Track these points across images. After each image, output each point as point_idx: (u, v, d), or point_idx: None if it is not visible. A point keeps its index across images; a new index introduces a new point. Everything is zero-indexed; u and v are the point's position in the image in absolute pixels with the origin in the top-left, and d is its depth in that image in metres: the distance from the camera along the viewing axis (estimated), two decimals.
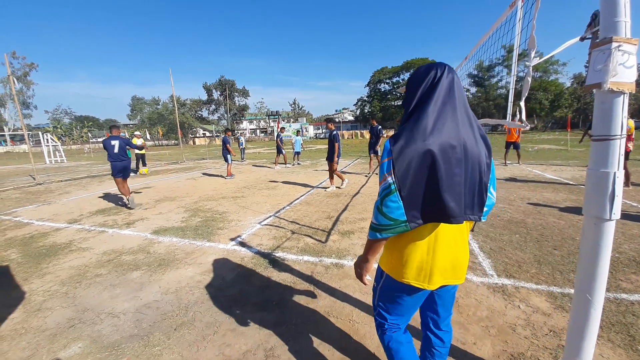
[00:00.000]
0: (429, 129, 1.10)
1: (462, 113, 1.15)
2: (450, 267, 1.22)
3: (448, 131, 1.11)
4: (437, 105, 1.13)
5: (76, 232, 4.68)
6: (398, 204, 1.09)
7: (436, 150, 1.07)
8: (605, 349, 1.89)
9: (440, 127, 1.10)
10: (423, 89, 1.17)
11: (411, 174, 1.09)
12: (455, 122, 1.12)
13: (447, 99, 1.14)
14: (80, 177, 11.36)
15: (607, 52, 1.16)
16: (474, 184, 1.16)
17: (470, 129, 1.16)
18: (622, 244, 3.42)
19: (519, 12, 2.20)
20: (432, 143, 1.08)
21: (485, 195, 1.19)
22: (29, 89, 46.83)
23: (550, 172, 8.66)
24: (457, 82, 1.17)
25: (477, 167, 1.15)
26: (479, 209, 1.18)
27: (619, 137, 1.17)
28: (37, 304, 2.66)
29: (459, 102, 1.15)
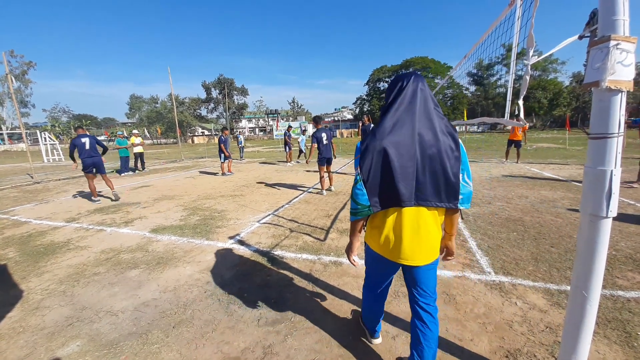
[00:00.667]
0: (387, 131, 1.37)
1: (422, 116, 1.37)
2: (416, 245, 1.43)
3: (404, 131, 1.35)
4: (398, 111, 1.39)
5: (74, 230, 4.67)
6: (362, 191, 1.40)
7: (391, 147, 1.34)
8: (601, 346, 1.90)
9: (397, 129, 1.36)
10: (392, 97, 1.44)
11: (372, 167, 1.38)
12: (412, 125, 1.36)
13: (408, 104, 1.38)
14: (78, 176, 11.31)
15: (605, 50, 1.16)
16: (436, 175, 1.36)
17: (430, 129, 1.37)
18: (619, 242, 3.44)
19: (517, 10, 2.20)
20: (388, 142, 1.35)
21: (456, 184, 1.38)
22: (27, 87, 46.57)
23: (549, 170, 8.69)
24: (420, 88, 1.40)
25: (438, 161, 1.35)
26: (452, 197, 1.39)
27: (616, 135, 1.17)
28: (35, 303, 2.66)
29: (420, 106, 1.38)
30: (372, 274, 1.74)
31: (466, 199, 1.42)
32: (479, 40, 3.47)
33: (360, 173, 1.40)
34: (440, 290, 2.61)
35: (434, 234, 1.45)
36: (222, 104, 54.35)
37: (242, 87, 57.40)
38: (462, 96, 48.36)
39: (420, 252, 1.44)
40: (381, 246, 1.49)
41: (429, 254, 1.46)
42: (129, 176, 10.88)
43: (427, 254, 1.46)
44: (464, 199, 1.41)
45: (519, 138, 10.48)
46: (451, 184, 1.37)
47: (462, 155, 1.39)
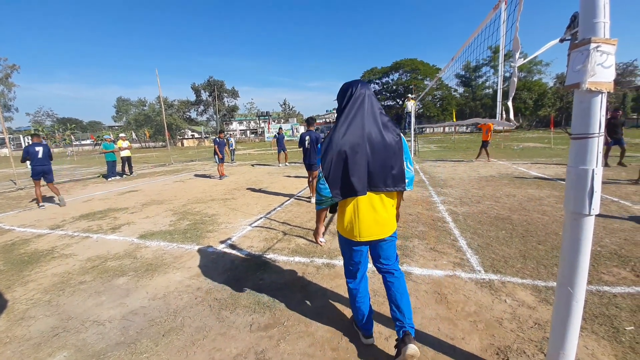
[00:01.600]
0: (342, 133, 1.64)
1: (370, 117, 1.66)
2: (373, 225, 1.72)
3: (356, 132, 1.63)
4: (350, 114, 1.67)
5: (59, 238, 4.54)
6: (325, 186, 1.68)
7: (347, 148, 1.62)
8: (589, 341, 1.95)
9: (350, 130, 1.64)
10: (344, 102, 1.72)
11: (332, 166, 1.65)
12: (362, 126, 1.64)
13: (358, 108, 1.67)
14: (62, 181, 11.02)
15: (585, 52, 1.19)
16: (385, 166, 1.66)
17: (376, 128, 1.66)
18: (604, 238, 3.53)
19: (502, 14, 2.24)
20: (343, 143, 1.63)
21: (401, 171, 1.69)
22: (10, 91, 45.18)
23: (535, 169, 8.89)
24: (367, 94, 1.69)
25: (384, 154, 1.65)
26: (399, 182, 1.70)
27: (597, 135, 1.21)
28: (21, 313, 2.57)
29: (367, 110, 1.67)
30: (347, 257, 1.93)
31: (410, 182, 1.74)
32: (466, 43, 3.53)
33: (322, 170, 1.67)
34: (432, 289, 2.64)
35: (388, 213, 1.75)
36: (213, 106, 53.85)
37: (233, 89, 57.04)
38: (451, 97, 49.10)
39: (377, 229, 1.73)
40: (346, 230, 1.77)
41: (385, 229, 1.75)
42: (116, 181, 10.66)
43: (383, 230, 1.74)
44: (409, 182, 1.74)
45: (487, 139, 11.28)
46: (397, 172, 1.68)
47: (404, 147, 1.70)
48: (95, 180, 11.06)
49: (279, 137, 13.31)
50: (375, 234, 1.74)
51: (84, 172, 14.28)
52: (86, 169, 15.51)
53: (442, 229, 4.09)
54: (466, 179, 7.78)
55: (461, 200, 5.59)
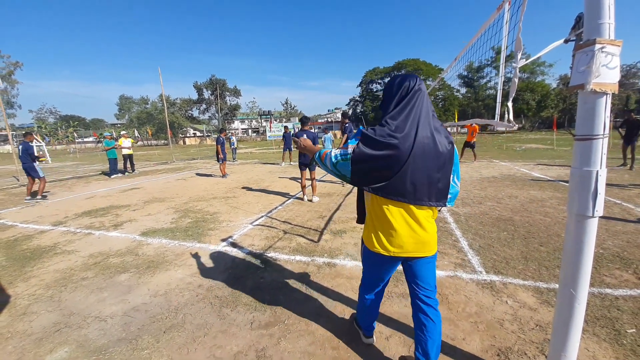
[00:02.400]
0: (392, 131, 1.38)
1: (425, 118, 1.42)
2: (411, 239, 1.48)
3: (408, 133, 1.38)
4: (404, 112, 1.42)
5: (61, 234, 4.56)
6: (348, 168, 1.44)
7: (394, 148, 1.36)
8: (590, 343, 1.94)
9: (401, 130, 1.38)
10: (398, 97, 1.46)
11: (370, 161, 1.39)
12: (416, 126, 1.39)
13: (414, 106, 1.42)
14: (65, 178, 11.07)
15: (590, 53, 1.18)
16: (432, 177, 1.42)
17: (429, 131, 1.41)
18: (606, 240, 3.52)
19: (505, 14, 2.24)
20: (393, 141, 1.36)
21: (447, 185, 1.47)
22: (13, 88, 45.38)
23: (537, 170, 8.86)
24: (423, 91, 1.46)
25: (433, 163, 1.41)
26: (442, 197, 1.47)
27: (601, 136, 1.20)
28: (22, 308, 2.59)
29: (423, 109, 1.43)
30: (370, 273, 1.73)
31: (452, 198, 1.53)
32: (469, 43, 3.52)
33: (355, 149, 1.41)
34: None
35: (429, 229, 1.51)
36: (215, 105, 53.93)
37: (235, 88, 57.07)
38: (454, 98, 48.99)
39: (416, 245, 1.49)
40: (376, 241, 1.53)
41: (426, 247, 1.51)
42: (118, 178, 10.70)
43: (424, 247, 1.51)
44: (451, 198, 1.52)
45: (472, 140, 11.39)
46: (443, 185, 1.46)
47: (455, 158, 1.48)
48: (98, 178, 11.10)
49: (286, 135, 13.33)
50: (414, 250, 1.50)
51: (86, 169, 14.34)
52: (89, 166, 15.58)
53: (444, 230, 4.08)
54: (468, 179, 7.76)
55: (463, 201, 5.57)
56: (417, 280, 1.61)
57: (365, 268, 1.77)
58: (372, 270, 1.71)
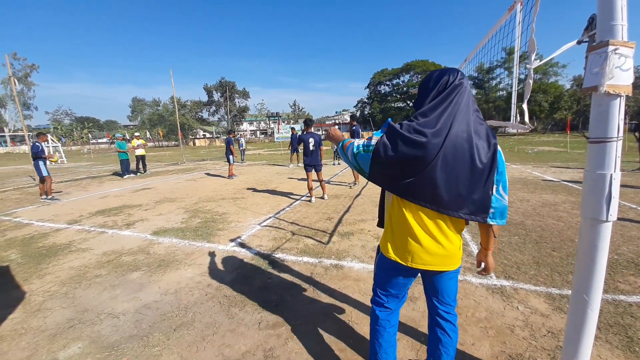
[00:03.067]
0: (426, 126, 1.22)
1: (462, 117, 1.24)
2: (433, 250, 1.32)
3: (443, 131, 1.20)
4: (440, 108, 1.24)
5: (76, 232, 4.69)
6: (368, 161, 1.30)
7: (425, 145, 1.19)
8: (603, 350, 1.89)
9: (437, 127, 1.21)
10: (436, 91, 1.29)
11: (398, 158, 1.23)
12: (452, 124, 1.21)
13: (451, 103, 1.24)
14: (80, 178, 11.37)
15: (603, 55, 1.17)
16: (463, 186, 1.24)
17: (465, 132, 1.23)
18: (621, 246, 3.42)
19: (517, 15, 2.22)
20: (425, 139, 1.19)
21: (486, 196, 1.26)
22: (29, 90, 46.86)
23: (550, 173, 8.68)
24: (466, 87, 1.28)
25: (466, 170, 1.22)
26: (479, 210, 1.27)
27: (615, 139, 1.18)
28: (37, 304, 2.67)
29: (462, 107, 1.25)
30: (384, 284, 1.51)
31: (499, 214, 1.28)
32: (480, 44, 3.49)
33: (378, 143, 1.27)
34: None
35: (455, 241, 1.35)
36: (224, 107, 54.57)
37: (244, 90, 57.68)
38: None
39: (440, 258, 1.33)
40: (394, 249, 1.38)
41: (449, 260, 1.35)
42: (130, 178, 10.93)
43: (447, 260, 1.35)
44: (495, 213, 1.28)
45: None
46: (480, 196, 1.25)
47: (499, 165, 1.27)
48: (111, 178, 11.36)
49: (293, 137, 13.39)
50: (436, 263, 1.34)
51: (100, 169, 14.68)
52: (102, 167, 15.95)
53: None
54: None
55: None
56: (438, 295, 1.47)
57: (377, 279, 1.54)
58: (385, 280, 1.49)
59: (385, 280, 1.49)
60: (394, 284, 1.48)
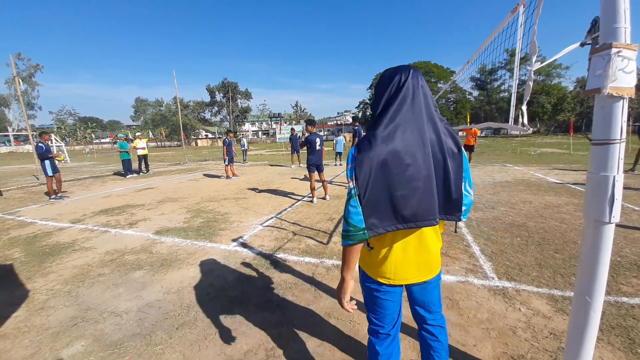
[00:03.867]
0: (389, 136, 1.12)
1: (426, 116, 1.17)
2: (416, 263, 1.26)
3: (408, 136, 1.13)
4: (400, 111, 1.16)
5: (79, 231, 4.71)
6: (357, 209, 1.12)
7: (394, 156, 1.10)
8: (605, 352, 1.89)
9: (400, 133, 1.13)
10: (388, 94, 1.20)
11: (371, 180, 1.11)
12: (417, 127, 1.14)
13: (411, 103, 1.16)
14: (83, 178, 11.42)
15: (606, 57, 1.17)
16: (444, 187, 1.18)
17: (434, 132, 1.17)
18: (624, 248, 3.41)
19: (520, 17, 2.22)
20: (391, 150, 1.10)
21: (460, 195, 1.20)
22: (33, 89, 47.21)
23: (552, 175, 8.64)
24: (421, 85, 1.19)
25: (443, 169, 1.17)
26: (455, 209, 1.21)
27: (618, 141, 1.18)
28: (40, 303, 2.69)
29: (423, 106, 1.17)
30: (372, 305, 1.39)
31: (467, 211, 1.26)
32: (483, 45, 3.49)
33: (356, 186, 1.13)
34: (443, 295, 2.60)
35: (435, 247, 1.30)
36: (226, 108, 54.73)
37: (246, 91, 57.80)
38: (466, 101, 48.34)
39: (422, 269, 1.28)
40: (375, 267, 1.28)
41: (432, 267, 1.30)
42: (133, 178, 10.98)
43: (428, 269, 1.30)
44: (465, 210, 1.25)
45: (473, 143, 11.26)
46: (456, 196, 1.20)
47: (464, 162, 1.23)
48: (114, 177, 11.42)
49: (293, 138, 13.41)
50: (418, 275, 1.27)
51: (103, 169, 14.76)
52: (105, 166, 16.03)
53: (455, 235, 4.04)
54: (480, 184, 7.64)
55: (474, 206, 5.49)
56: (424, 305, 1.40)
57: (367, 302, 1.42)
58: (372, 300, 1.37)
59: (372, 301, 1.38)
60: (381, 305, 1.36)
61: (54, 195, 7.36)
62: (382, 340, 1.41)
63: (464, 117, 43.10)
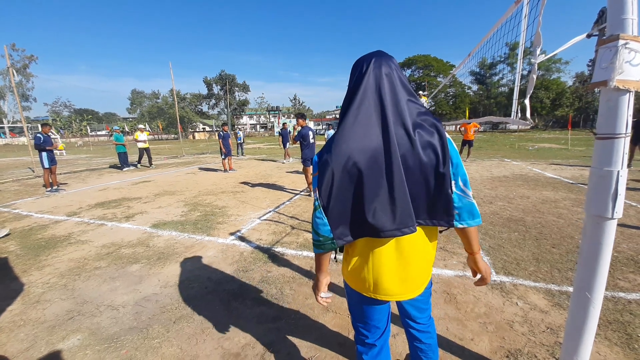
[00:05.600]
0: (349, 136, 1.01)
1: (391, 111, 1.01)
2: (397, 277, 1.12)
3: (372, 134, 1.00)
4: (360, 107, 1.02)
5: (75, 224, 4.68)
6: (323, 220, 1.05)
7: (358, 159, 0.98)
8: (602, 347, 1.90)
9: (362, 131, 1.00)
10: (351, 89, 1.07)
11: (334, 188, 1.02)
12: (381, 122, 1.01)
13: (372, 97, 1.03)
14: (79, 170, 11.32)
15: (613, 49, 1.14)
16: (421, 188, 1.04)
17: (402, 127, 1.01)
18: (621, 243, 3.42)
19: (524, 8, 2.17)
20: (353, 152, 0.99)
21: (445, 195, 1.05)
22: (28, 81, 46.48)
23: (550, 170, 8.66)
24: (385, 73, 1.03)
25: (419, 170, 1.02)
26: (442, 213, 1.07)
27: (623, 135, 1.16)
28: (36, 296, 2.67)
29: (388, 98, 1.02)
30: (357, 316, 1.31)
31: (467, 214, 1.08)
32: (484, 38, 3.44)
33: (318, 197, 1.04)
34: (440, 289, 2.61)
35: (422, 259, 1.14)
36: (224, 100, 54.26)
37: (244, 84, 57.23)
38: (465, 95, 48.19)
39: (405, 284, 1.13)
40: (355, 278, 1.17)
41: (415, 283, 1.15)
42: (130, 171, 10.89)
43: (413, 284, 1.14)
44: (462, 214, 1.08)
45: (472, 138, 11.23)
46: (439, 196, 1.05)
47: (453, 157, 1.06)
48: (110, 170, 11.32)
49: (284, 132, 13.11)
50: (402, 292, 1.14)
51: (99, 162, 14.63)
52: (101, 159, 15.89)
53: (452, 229, 4.03)
54: (478, 178, 7.64)
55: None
56: (410, 315, 1.32)
57: (351, 309, 1.34)
58: (358, 312, 1.29)
59: (359, 312, 1.28)
60: (365, 315, 1.26)
61: (50, 187, 7.29)
62: (369, 349, 1.33)
63: (463, 112, 43.02)
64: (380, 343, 1.32)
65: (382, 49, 1.13)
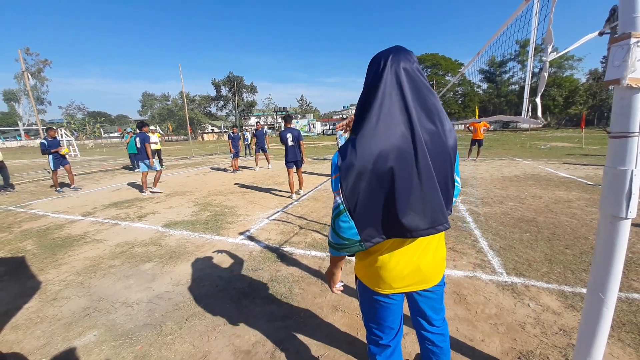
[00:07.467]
0: (375, 136, 0.96)
1: (414, 106, 0.98)
2: (412, 270, 1.13)
3: (397, 135, 0.96)
4: (382, 106, 0.98)
5: (90, 224, 4.80)
6: (349, 224, 1.02)
7: (384, 160, 0.95)
8: (615, 348, 1.87)
9: (386, 131, 0.96)
10: (369, 86, 1.04)
11: (361, 190, 0.98)
12: (407, 120, 0.97)
13: (393, 95, 0.98)
14: (93, 172, 11.60)
15: (626, 47, 1.13)
16: (446, 182, 1.06)
17: (430, 121, 1.00)
18: (635, 244, 3.34)
19: (535, 5, 2.15)
20: (379, 153, 0.95)
21: (452, 188, 1.11)
22: (42, 85, 47.82)
23: (563, 170, 8.48)
24: (404, 68, 1.00)
25: (442, 165, 1.03)
26: (449, 204, 1.11)
27: (637, 134, 1.14)
28: (53, 294, 2.75)
29: (410, 95, 0.98)
30: (370, 315, 1.29)
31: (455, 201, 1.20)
32: (494, 36, 3.41)
33: (344, 200, 1.01)
34: (450, 289, 2.59)
35: (440, 251, 1.20)
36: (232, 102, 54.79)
37: (252, 85, 57.75)
38: (474, 94, 47.56)
39: (422, 274, 1.15)
40: (369, 275, 1.17)
41: (434, 274, 1.18)
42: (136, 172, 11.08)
43: (431, 275, 1.17)
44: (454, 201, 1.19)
45: (482, 137, 11.03)
46: (452, 189, 1.11)
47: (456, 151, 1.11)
48: (123, 171, 11.57)
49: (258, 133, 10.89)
50: (418, 282, 1.15)
51: (112, 163, 14.95)
52: (114, 160, 16.23)
53: (462, 229, 4.00)
54: (488, 178, 7.54)
55: (483, 200, 5.43)
56: (424, 315, 1.29)
57: (364, 310, 1.32)
58: (369, 310, 1.28)
59: (372, 312, 1.27)
60: (379, 315, 1.25)
61: (58, 187, 7.57)
62: (383, 350, 1.31)
63: (472, 110, 42.44)
64: (394, 344, 1.32)
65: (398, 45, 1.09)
